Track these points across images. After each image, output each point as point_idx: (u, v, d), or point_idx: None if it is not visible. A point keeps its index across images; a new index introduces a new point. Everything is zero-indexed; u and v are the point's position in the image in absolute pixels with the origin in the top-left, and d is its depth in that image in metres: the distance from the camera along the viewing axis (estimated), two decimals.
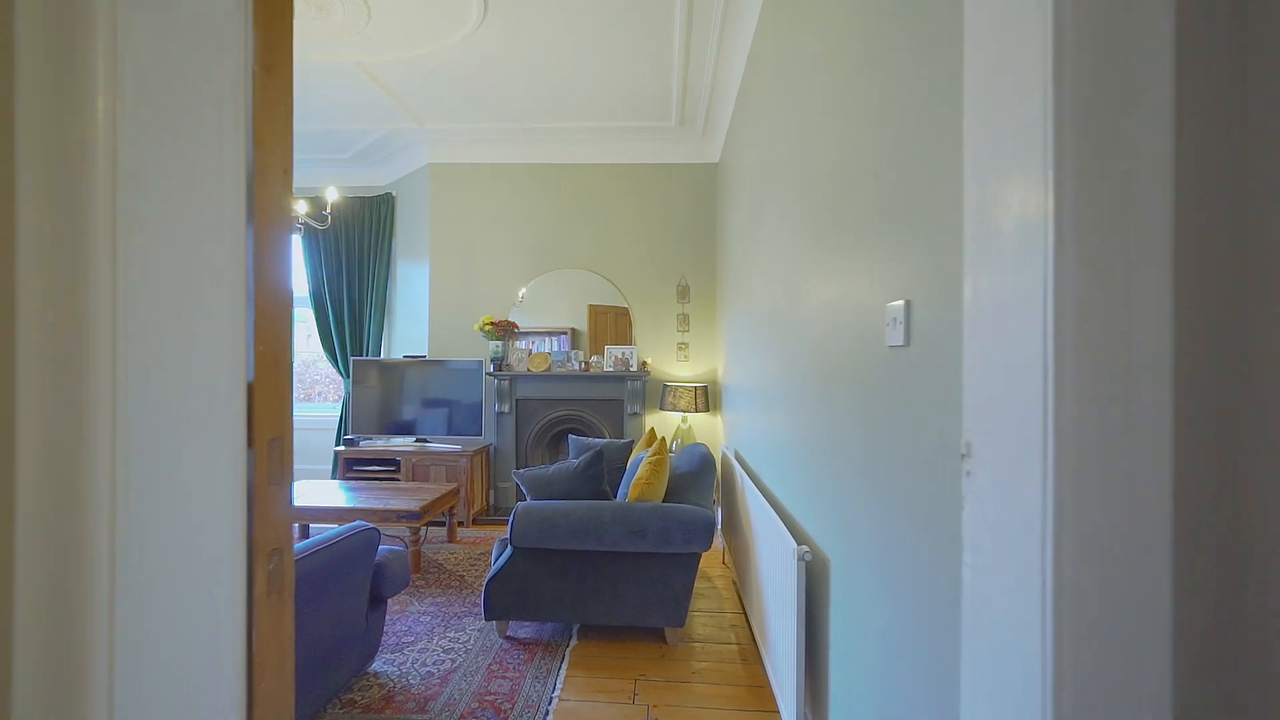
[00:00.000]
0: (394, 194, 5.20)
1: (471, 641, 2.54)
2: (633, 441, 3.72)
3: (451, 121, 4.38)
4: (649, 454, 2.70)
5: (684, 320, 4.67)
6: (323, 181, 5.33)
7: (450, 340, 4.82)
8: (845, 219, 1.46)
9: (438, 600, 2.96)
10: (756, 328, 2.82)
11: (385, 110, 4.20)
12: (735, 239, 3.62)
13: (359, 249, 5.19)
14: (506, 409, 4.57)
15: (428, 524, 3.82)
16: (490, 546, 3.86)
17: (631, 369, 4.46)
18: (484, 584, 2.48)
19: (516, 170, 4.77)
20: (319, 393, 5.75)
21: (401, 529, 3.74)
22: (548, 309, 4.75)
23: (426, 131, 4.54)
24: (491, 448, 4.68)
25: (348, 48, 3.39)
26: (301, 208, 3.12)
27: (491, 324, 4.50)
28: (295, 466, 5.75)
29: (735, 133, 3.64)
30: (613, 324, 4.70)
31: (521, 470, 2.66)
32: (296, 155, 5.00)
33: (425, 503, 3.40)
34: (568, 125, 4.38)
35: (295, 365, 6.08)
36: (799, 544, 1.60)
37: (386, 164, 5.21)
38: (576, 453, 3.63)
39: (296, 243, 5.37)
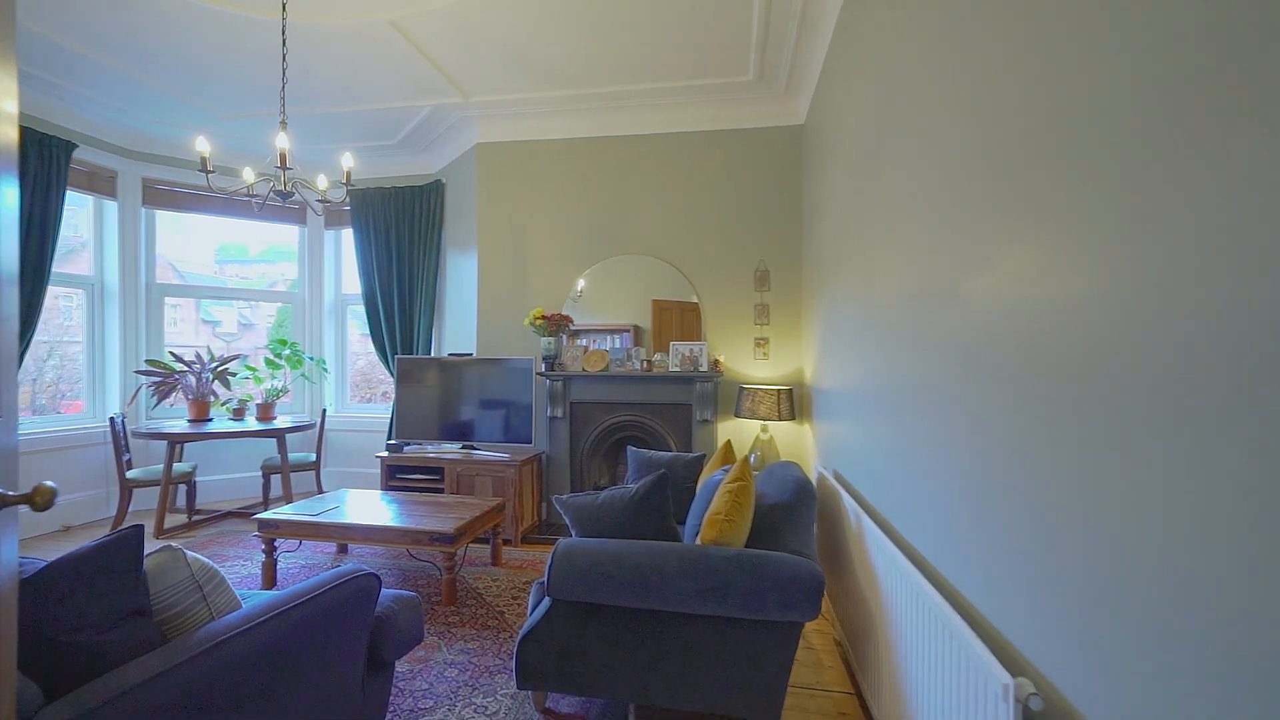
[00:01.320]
0: (443, 181, 4.83)
1: (503, 712, 2.01)
2: (703, 456, 3.10)
3: (498, 92, 3.92)
4: (727, 479, 2.07)
5: (763, 311, 3.99)
6: (374, 172, 5.06)
7: (500, 337, 4.37)
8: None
9: (470, 647, 2.45)
10: (876, 318, 2.12)
11: (427, 82, 3.79)
12: (831, 213, 2.92)
13: (409, 242, 4.87)
14: (559, 413, 4.06)
15: (468, 544, 3.36)
16: (542, 570, 3.35)
17: (701, 368, 3.83)
18: (516, 641, 1.94)
19: (570, 146, 4.26)
20: (382, 393, 5.50)
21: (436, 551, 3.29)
22: (607, 304, 4.21)
23: (473, 107, 4.11)
24: (543, 456, 4.19)
25: (374, 3, 2.97)
26: (321, 183, 2.73)
27: (543, 318, 4.00)
28: (348, 470, 5.58)
29: (830, 83, 2.94)
30: (678, 321, 4.10)
31: (565, 497, 2.10)
32: (344, 145, 4.73)
33: (462, 523, 2.92)
34: (627, 88, 3.81)
35: (358, 365, 5.95)
36: (1011, 674, 0.93)
37: (435, 149, 4.86)
38: (636, 470, 3.05)
39: (349, 238, 5.13)
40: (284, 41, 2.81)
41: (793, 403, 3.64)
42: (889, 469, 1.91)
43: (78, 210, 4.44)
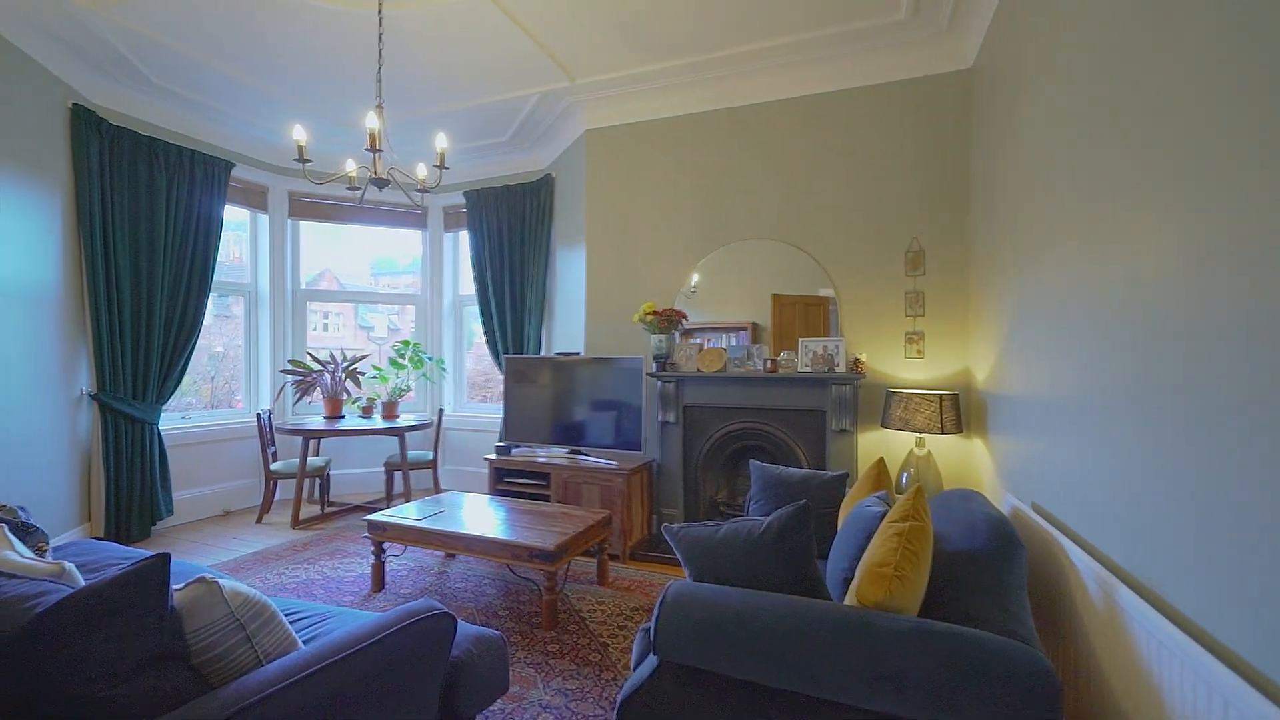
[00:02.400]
0: (553, 175, 4.68)
1: None
2: (845, 476, 2.54)
3: (606, 69, 3.63)
4: (894, 515, 1.54)
5: (916, 300, 3.31)
6: (488, 172, 5.05)
7: (608, 336, 4.10)
8: None
9: (568, 687, 2.14)
10: (1124, 303, 1.49)
11: (533, 67, 3.60)
12: (1025, 175, 2.24)
13: (520, 240, 4.78)
14: (671, 418, 3.68)
15: (571, 560, 3.09)
16: (651, 594, 3.00)
17: (837, 368, 3.25)
18: (615, 701, 1.58)
19: (683, 124, 3.87)
20: (498, 393, 5.50)
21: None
22: (722, 300, 3.76)
23: (579, 90, 3.87)
24: (654, 465, 3.83)
25: None
26: (421, 171, 2.57)
27: (654, 313, 3.65)
28: (465, 470, 5.65)
29: (1021, 6, 2.26)
30: (802, 318, 3.54)
31: (676, 527, 1.70)
32: (456, 146, 4.75)
33: (564, 539, 2.64)
34: (749, 48, 3.34)
35: (481, 365, 6.04)
36: None
37: (544, 143, 4.72)
38: (761, 489, 2.57)
39: (464, 240, 5.18)
40: (380, 20, 2.73)
41: (958, 411, 2.94)
42: (1170, 514, 1.28)
43: (236, 223, 4.87)
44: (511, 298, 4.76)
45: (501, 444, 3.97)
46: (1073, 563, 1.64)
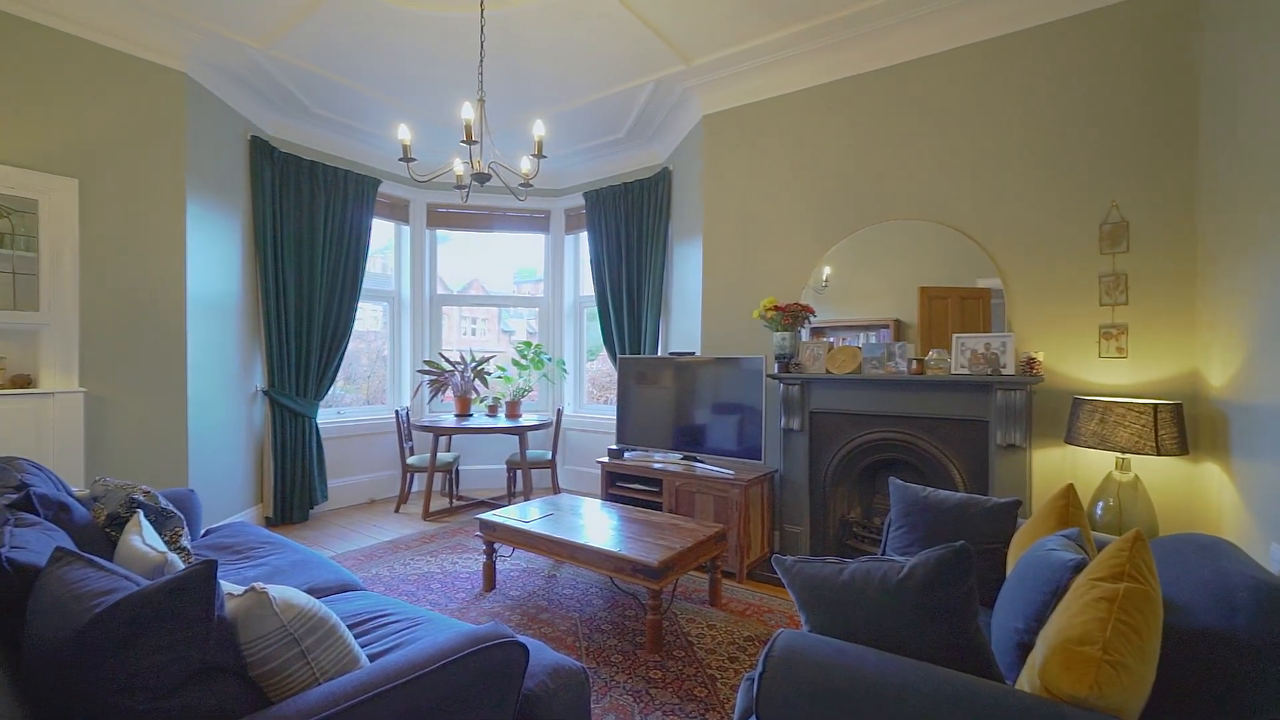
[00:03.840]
0: (670, 168, 4.50)
1: None
2: (1017, 504, 2.01)
3: (723, 46, 3.36)
4: (1098, 571, 1.11)
5: (1115, 285, 2.61)
6: (606, 170, 5.02)
7: (725, 334, 3.81)
8: None
9: None
10: None
11: (646, 53, 3.44)
12: None
13: (637, 238, 4.67)
14: (796, 425, 3.29)
15: (679, 576, 2.86)
16: (768, 622, 2.67)
17: (1004, 370, 2.67)
18: None
19: (807, 98, 3.47)
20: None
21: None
22: (859, 295, 3.31)
23: (695, 74, 3.64)
24: (775, 476, 3.47)
25: None
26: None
27: (776, 308, 3.30)
28: (584, 470, 5.65)
29: None
30: (957, 313, 2.98)
31: (790, 560, 1.39)
32: (575, 147, 4.75)
33: (670, 554, 2.42)
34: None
35: (605, 365, 6.04)
36: None
37: (661, 136, 4.56)
38: (903, 513, 2.14)
39: (584, 241, 5.19)
40: (481, 14, 2.72)
41: (1181, 427, 2.24)
42: None
43: (381, 235, 5.32)
44: (629, 297, 4.67)
45: (614, 447, 3.86)
46: None
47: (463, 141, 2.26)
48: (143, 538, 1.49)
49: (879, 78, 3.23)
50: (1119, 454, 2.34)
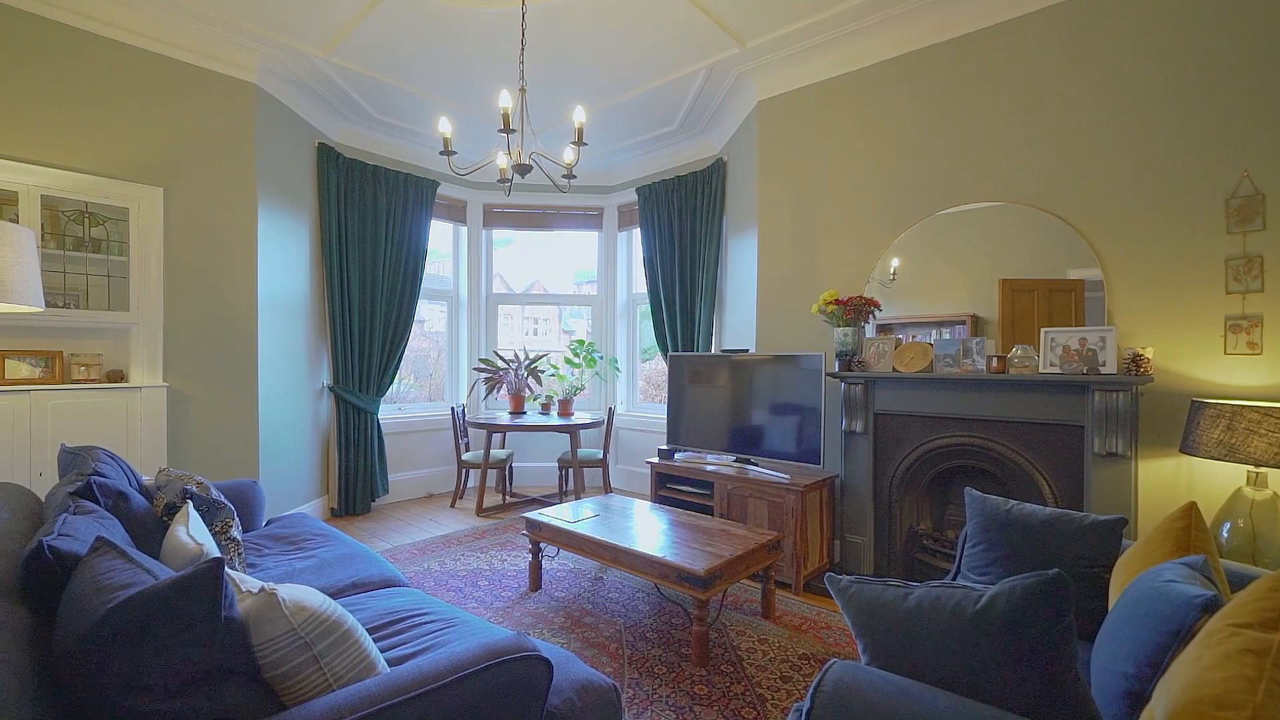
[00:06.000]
0: (724, 159, 4.33)
1: None
2: (1120, 523, 1.74)
3: (779, 24, 3.17)
4: (1241, 614, 0.89)
5: (1247, 268, 2.24)
6: (660, 165, 4.91)
7: (782, 331, 3.61)
8: None
9: None
10: None
11: (699, 37, 3.31)
12: None
13: (690, 232, 4.54)
14: (859, 427, 3.06)
15: (728, 587, 2.71)
16: (826, 640, 2.48)
17: (1103, 368, 2.35)
18: None
19: (869, 77, 3.22)
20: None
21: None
22: (930, 288, 3.05)
23: (750, 57, 3.47)
24: (835, 481, 3.25)
25: None
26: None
27: (837, 302, 3.09)
28: (636, 470, 5.54)
29: None
30: (1044, 308, 2.67)
31: (846, 580, 1.23)
32: (627, 141, 4.67)
33: (718, 562, 2.28)
34: None
35: (661, 364, 5.94)
36: None
37: (715, 126, 4.40)
38: (980, 529, 1.90)
39: (637, 238, 5.11)
40: (523, 2, 2.66)
41: None
42: None
43: (441, 236, 5.45)
44: (681, 293, 4.54)
45: (664, 447, 3.74)
46: None
47: (500, 130, 2.22)
48: (187, 529, 1.51)
49: (951, 48, 2.95)
50: (1251, 467, 1.99)
